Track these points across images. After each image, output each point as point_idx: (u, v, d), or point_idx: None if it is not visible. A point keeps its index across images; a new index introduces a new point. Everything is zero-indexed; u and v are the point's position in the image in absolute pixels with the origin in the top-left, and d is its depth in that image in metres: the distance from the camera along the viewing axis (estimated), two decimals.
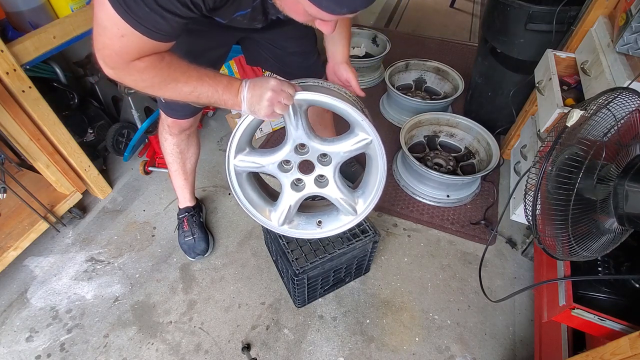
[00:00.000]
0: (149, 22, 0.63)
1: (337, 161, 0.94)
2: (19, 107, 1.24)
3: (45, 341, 1.27)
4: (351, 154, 0.93)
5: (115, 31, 0.64)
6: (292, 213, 1.02)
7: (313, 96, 0.84)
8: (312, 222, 1.07)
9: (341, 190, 0.99)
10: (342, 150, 0.92)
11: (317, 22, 0.70)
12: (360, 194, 1.03)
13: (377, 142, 0.90)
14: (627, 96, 0.79)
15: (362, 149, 0.92)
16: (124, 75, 0.73)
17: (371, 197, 1.01)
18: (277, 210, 1.02)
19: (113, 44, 0.66)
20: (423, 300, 1.38)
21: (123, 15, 0.61)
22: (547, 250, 0.87)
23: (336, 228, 1.06)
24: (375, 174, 0.98)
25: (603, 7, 1.29)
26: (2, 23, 1.21)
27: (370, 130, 0.88)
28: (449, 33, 2.95)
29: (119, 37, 0.64)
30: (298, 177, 0.97)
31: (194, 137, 1.34)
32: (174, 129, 1.23)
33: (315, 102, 0.86)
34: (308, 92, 0.84)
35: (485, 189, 1.75)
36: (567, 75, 1.42)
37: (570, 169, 0.80)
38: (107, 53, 0.68)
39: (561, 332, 1.05)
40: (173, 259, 1.49)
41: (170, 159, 1.33)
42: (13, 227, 1.41)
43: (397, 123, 2.07)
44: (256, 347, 1.26)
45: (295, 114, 0.86)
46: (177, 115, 1.17)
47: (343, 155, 0.93)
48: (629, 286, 0.94)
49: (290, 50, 1.13)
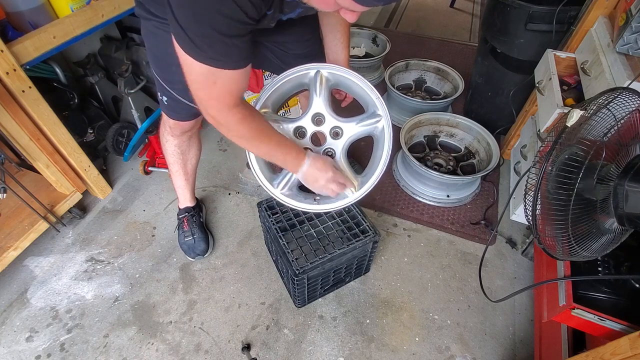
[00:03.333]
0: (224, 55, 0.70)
1: (347, 137, 1.03)
2: (19, 107, 1.24)
3: (45, 341, 1.27)
4: (362, 133, 1.03)
5: (207, 81, 0.73)
6: (293, 182, 1.04)
7: (341, 71, 1.00)
8: (310, 198, 1.08)
9: (345, 166, 1.03)
10: (354, 126, 1.02)
11: (342, 11, 0.71)
12: (363, 176, 1.06)
13: (386, 121, 1.01)
14: (627, 96, 0.79)
15: (372, 130, 1.02)
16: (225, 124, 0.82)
17: (373, 178, 1.03)
18: (280, 176, 1.04)
19: (210, 93, 0.76)
20: (423, 300, 1.38)
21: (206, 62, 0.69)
22: (547, 250, 0.87)
23: (333, 206, 1.06)
24: (379, 157, 1.03)
25: (603, 7, 1.29)
26: (2, 23, 1.21)
27: (382, 108, 1.01)
28: (449, 33, 2.95)
29: (212, 85, 0.74)
30: (309, 147, 1.03)
31: (196, 138, 1.34)
32: (176, 131, 1.24)
33: (342, 77, 1.01)
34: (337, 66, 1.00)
35: (485, 189, 1.75)
36: (567, 75, 1.42)
37: (570, 169, 0.80)
38: (208, 104, 0.78)
39: (561, 332, 1.05)
40: (173, 259, 1.49)
41: (172, 159, 1.34)
42: (13, 227, 1.41)
43: (397, 123, 2.07)
44: (256, 347, 1.26)
45: (321, 83, 1.00)
46: (179, 117, 1.17)
47: (354, 131, 1.02)
48: (629, 286, 0.94)
49: (296, 52, 1.13)
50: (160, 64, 1.02)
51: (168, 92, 1.07)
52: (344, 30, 1.06)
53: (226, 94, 0.77)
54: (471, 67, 2.04)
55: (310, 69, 1.02)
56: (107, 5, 1.36)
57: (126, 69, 1.58)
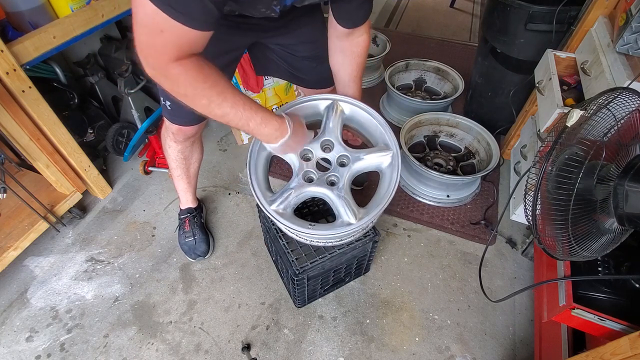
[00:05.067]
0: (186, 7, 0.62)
1: (354, 167, 1.00)
2: (19, 107, 1.24)
3: (45, 341, 1.27)
4: (369, 166, 1.02)
5: (154, 27, 0.63)
6: (290, 202, 0.99)
7: (355, 102, 1.04)
8: (305, 223, 1.01)
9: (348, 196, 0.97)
10: (362, 157, 1.01)
11: None
12: (364, 208, 1.01)
13: (396, 155, 1.01)
14: (627, 96, 0.79)
15: (379, 164, 1.02)
16: (162, 78, 0.72)
17: (376, 211, 0.97)
18: (277, 194, 1.00)
19: (154, 41, 0.65)
20: (423, 300, 1.38)
21: (161, 7, 0.60)
22: (547, 250, 0.87)
23: (327, 233, 0.98)
24: (384, 190, 0.99)
25: (603, 7, 1.29)
26: (2, 23, 1.21)
27: (392, 143, 1.01)
28: (449, 33, 2.95)
29: (158, 33, 0.64)
30: (313, 171, 1.01)
31: (199, 142, 1.31)
32: (179, 137, 1.20)
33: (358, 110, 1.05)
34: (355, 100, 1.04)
35: (485, 189, 1.75)
36: (567, 75, 1.42)
37: (570, 169, 0.80)
38: (148, 52, 0.68)
39: (561, 332, 1.05)
40: (173, 259, 1.49)
41: (174, 164, 1.32)
42: (13, 227, 1.41)
43: (397, 123, 2.07)
44: (256, 347, 1.26)
45: (335, 113, 1.02)
46: (183, 122, 1.14)
47: (362, 163, 1.01)
48: (629, 286, 0.94)
49: (303, 54, 1.11)
50: None
51: (171, 95, 1.04)
52: (355, 73, 1.04)
53: (172, 48, 0.66)
54: (471, 67, 2.04)
55: (327, 98, 1.03)
56: (107, 5, 1.36)
57: (126, 69, 1.58)
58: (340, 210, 0.97)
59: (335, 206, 0.98)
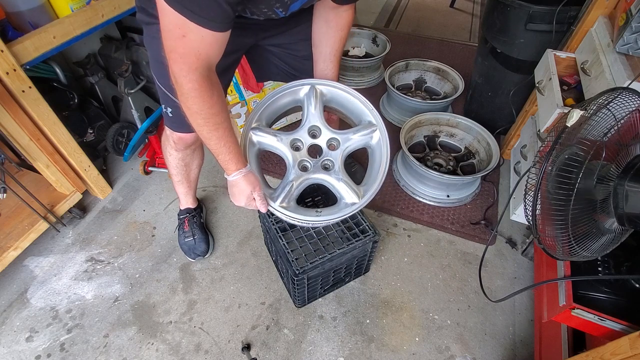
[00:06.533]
0: (203, 10, 0.66)
1: (344, 148, 1.03)
2: (19, 107, 1.24)
3: (45, 341, 1.27)
4: (358, 144, 1.04)
5: (177, 31, 0.69)
6: (292, 194, 1.00)
7: (336, 86, 1.04)
8: (311, 211, 1.04)
9: (345, 176, 1.01)
10: (350, 137, 1.03)
11: None
12: (362, 186, 1.04)
13: (382, 130, 1.02)
14: (627, 96, 0.79)
15: (367, 140, 1.03)
16: (178, 86, 0.77)
17: (375, 186, 1.01)
18: (278, 189, 1.01)
19: (176, 45, 0.71)
20: (423, 300, 1.38)
21: (181, 10, 0.65)
22: (547, 250, 0.87)
23: (335, 216, 1.02)
24: (377, 165, 1.02)
25: (603, 7, 1.29)
26: (2, 23, 1.21)
27: (377, 119, 1.02)
28: (449, 33, 2.95)
29: (180, 38, 0.69)
30: (306, 159, 1.02)
31: (200, 149, 1.30)
32: (180, 145, 1.19)
33: (338, 92, 1.05)
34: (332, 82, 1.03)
35: (485, 189, 1.75)
36: (567, 75, 1.42)
37: (570, 169, 0.80)
38: (173, 57, 0.73)
39: (561, 332, 1.05)
40: (173, 259, 1.49)
41: (175, 171, 1.32)
42: (13, 227, 1.41)
43: (397, 123, 2.07)
44: (256, 347, 1.26)
45: (316, 97, 1.02)
46: (184, 130, 1.13)
47: (351, 142, 1.03)
48: (629, 286, 0.94)
49: (302, 53, 1.10)
50: (164, 70, 0.99)
51: (172, 102, 1.02)
52: (337, 46, 1.03)
53: (192, 53, 0.72)
54: (471, 67, 2.04)
55: (305, 83, 1.03)
56: (107, 5, 1.36)
57: (126, 69, 1.58)
58: (342, 192, 1.00)
59: (336, 189, 1.01)
